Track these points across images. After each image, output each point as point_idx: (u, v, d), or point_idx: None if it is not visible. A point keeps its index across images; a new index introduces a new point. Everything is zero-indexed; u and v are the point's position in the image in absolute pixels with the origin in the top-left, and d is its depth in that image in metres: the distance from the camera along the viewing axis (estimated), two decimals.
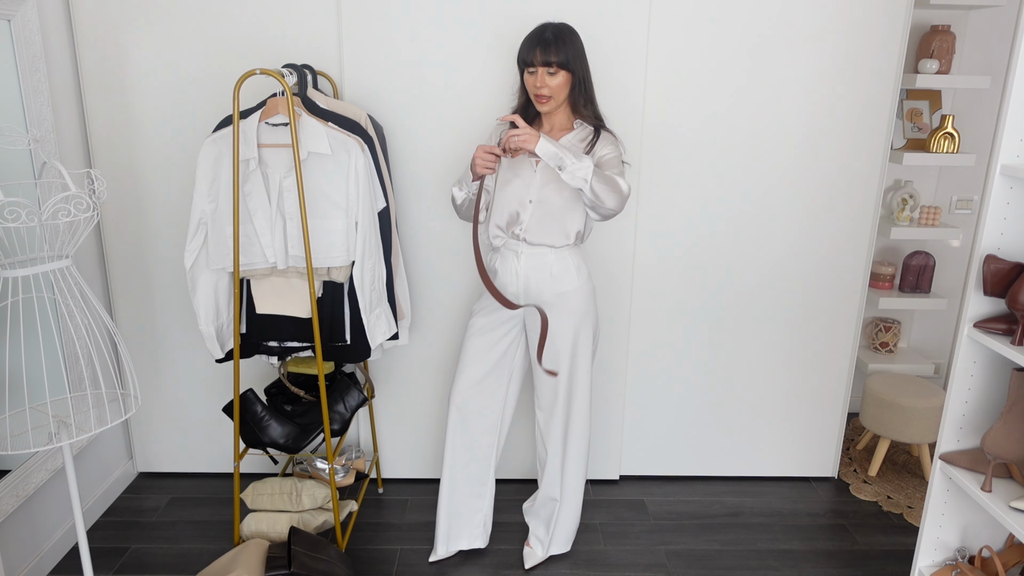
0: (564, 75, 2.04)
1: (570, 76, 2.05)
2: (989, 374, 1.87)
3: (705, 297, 2.76)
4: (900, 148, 3.05)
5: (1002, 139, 1.70)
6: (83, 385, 2.25)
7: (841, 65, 2.54)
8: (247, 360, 2.73)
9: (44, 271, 1.69)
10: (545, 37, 2.02)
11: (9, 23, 2.14)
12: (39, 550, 2.33)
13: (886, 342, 3.30)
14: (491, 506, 2.44)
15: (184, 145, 2.56)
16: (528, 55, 2.03)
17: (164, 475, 2.93)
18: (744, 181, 2.65)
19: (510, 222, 2.15)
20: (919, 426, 2.87)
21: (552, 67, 2.02)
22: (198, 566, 2.40)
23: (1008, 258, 1.77)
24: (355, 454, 2.72)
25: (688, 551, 2.53)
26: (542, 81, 2.03)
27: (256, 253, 2.18)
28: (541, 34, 2.03)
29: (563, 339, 2.22)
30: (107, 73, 2.50)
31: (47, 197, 1.84)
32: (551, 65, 2.01)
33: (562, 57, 2.01)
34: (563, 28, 2.06)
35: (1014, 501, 1.74)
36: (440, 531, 2.41)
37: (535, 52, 2.02)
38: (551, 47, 2.01)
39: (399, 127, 2.54)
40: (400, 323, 2.47)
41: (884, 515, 2.76)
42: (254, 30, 2.46)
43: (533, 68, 2.03)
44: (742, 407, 2.89)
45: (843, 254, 2.74)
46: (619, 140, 2.17)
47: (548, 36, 2.02)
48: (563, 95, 2.08)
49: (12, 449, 1.71)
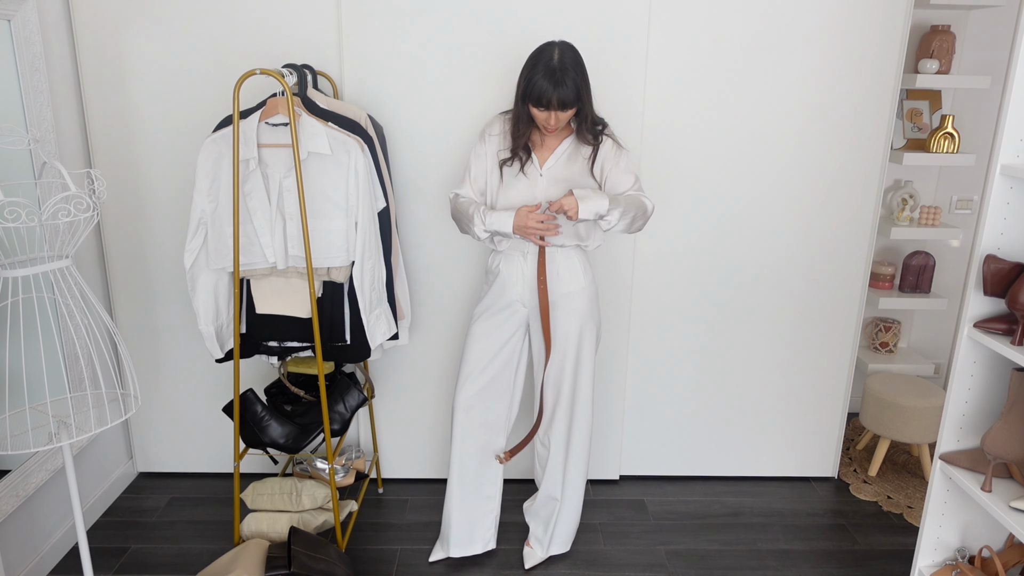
0: (574, 109, 2.02)
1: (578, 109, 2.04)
2: (989, 374, 1.87)
3: (705, 297, 2.76)
4: (900, 148, 3.05)
5: (1002, 139, 1.70)
6: (83, 385, 2.25)
7: (841, 65, 2.54)
8: (247, 360, 2.73)
9: (44, 271, 1.69)
10: (558, 78, 1.94)
11: (9, 23, 2.14)
12: (39, 550, 2.33)
13: (886, 342, 3.30)
14: (499, 508, 2.43)
15: (184, 145, 2.56)
16: (542, 97, 1.96)
17: (164, 475, 2.93)
18: (744, 181, 2.64)
19: None
20: (919, 426, 2.87)
21: (565, 108, 1.99)
22: (198, 566, 2.40)
23: (1008, 258, 1.77)
24: (355, 454, 2.72)
25: (688, 551, 2.53)
26: (555, 119, 2.01)
27: (256, 253, 2.18)
28: (553, 74, 1.94)
29: (567, 339, 2.22)
30: (107, 73, 2.50)
31: (47, 197, 1.84)
32: (565, 107, 1.99)
33: (574, 96, 1.97)
34: (570, 62, 1.97)
35: (1014, 501, 1.74)
36: (459, 536, 2.39)
37: (551, 97, 1.95)
38: (565, 88, 1.95)
39: (399, 127, 2.54)
40: (400, 323, 2.47)
41: (884, 515, 2.76)
42: (254, 30, 2.46)
43: (546, 110, 1.99)
44: (742, 407, 2.89)
45: (843, 254, 2.74)
46: (617, 141, 2.16)
47: (560, 76, 1.94)
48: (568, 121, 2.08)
49: (12, 449, 1.71)
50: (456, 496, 2.36)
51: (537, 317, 2.23)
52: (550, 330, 2.19)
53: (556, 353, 2.24)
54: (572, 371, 2.25)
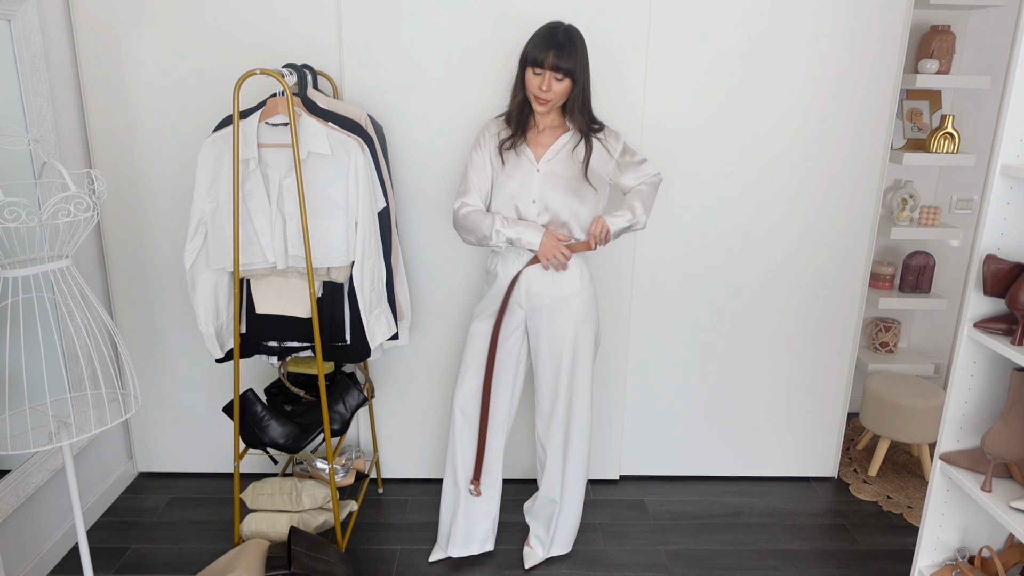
0: (568, 82, 2.03)
1: (572, 84, 2.05)
2: (989, 374, 1.87)
3: (705, 297, 2.76)
4: (900, 148, 3.05)
5: (1002, 139, 1.70)
6: (83, 385, 2.25)
7: (841, 65, 2.54)
8: (247, 360, 2.73)
9: (44, 271, 1.69)
10: (559, 40, 1.99)
11: (9, 23, 2.14)
12: (39, 550, 2.33)
13: (886, 342, 3.30)
14: (498, 508, 2.43)
15: (184, 145, 2.56)
16: (539, 55, 2.00)
17: (164, 475, 2.93)
18: (744, 181, 2.64)
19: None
20: (919, 426, 2.87)
21: (560, 72, 2.00)
22: (198, 566, 2.40)
23: (1008, 258, 1.77)
24: (355, 454, 2.72)
25: (688, 551, 2.53)
26: (548, 84, 2.01)
27: (256, 253, 2.18)
28: (554, 36, 1.99)
29: (563, 343, 2.21)
30: (107, 73, 2.50)
31: (47, 197, 1.84)
32: (560, 71, 2.00)
33: (571, 64, 1.99)
34: (575, 34, 2.03)
35: (1014, 501, 1.74)
36: (456, 536, 2.39)
37: (548, 54, 1.98)
38: (564, 52, 1.98)
39: (399, 127, 2.54)
40: (400, 323, 2.46)
41: (884, 515, 2.76)
42: (254, 30, 2.46)
43: (541, 69, 2.01)
44: (742, 407, 2.89)
45: (843, 254, 2.74)
46: (615, 135, 2.20)
47: (562, 39, 1.99)
48: (562, 100, 2.08)
49: (12, 449, 1.71)
50: (451, 496, 2.36)
51: (535, 319, 2.23)
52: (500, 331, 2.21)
53: (551, 357, 2.24)
54: (568, 375, 2.24)
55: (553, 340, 2.22)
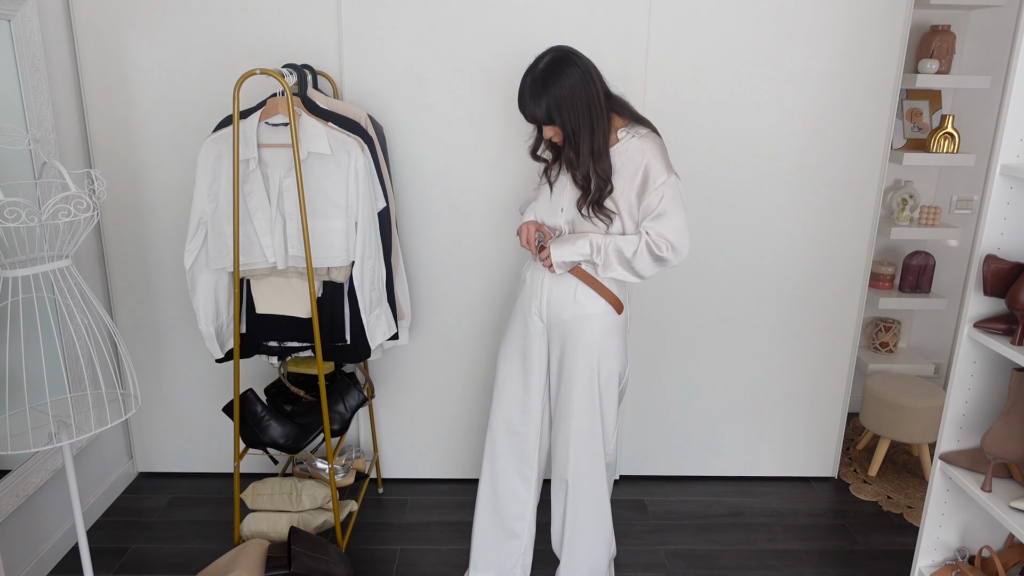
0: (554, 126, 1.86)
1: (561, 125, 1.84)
2: (989, 374, 1.87)
3: (705, 296, 2.76)
4: (900, 148, 3.05)
5: (1002, 139, 1.70)
6: (83, 385, 2.24)
7: (841, 65, 2.54)
8: (247, 360, 2.72)
9: (44, 271, 1.70)
10: (522, 93, 1.84)
11: (9, 23, 2.14)
12: (39, 550, 2.33)
13: (886, 342, 3.30)
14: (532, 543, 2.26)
15: (184, 145, 2.56)
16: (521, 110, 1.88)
17: (164, 475, 2.93)
18: (744, 181, 2.64)
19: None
20: (919, 426, 2.87)
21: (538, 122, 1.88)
22: (198, 566, 2.40)
23: (1008, 258, 1.77)
24: (355, 454, 2.72)
25: (688, 551, 2.53)
26: (544, 133, 1.91)
27: (256, 253, 2.18)
28: (521, 88, 1.85)
29: (580, 375, 1.99)
30: (107, 73, 2.50)
31: (47, 197, 1.84)
32: (536, 121, 1.88)
33: (539, 113, 1.83)
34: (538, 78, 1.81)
35: (1014, 501, 1.74)
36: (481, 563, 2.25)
37: (523, 111, 1.87)
38: (528, 105, 1.84)
39: (399, 127, 2.54)
40: (400, 323, 2.47)
41: (884, 515, 2.76)
42: (254, 30, 2.46)
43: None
44: (742, 407, 2.89)
45: (843, 254, 2.74)
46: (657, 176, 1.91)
47: (525, 92, 1.84)
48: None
49: (12, 449, 1.71)
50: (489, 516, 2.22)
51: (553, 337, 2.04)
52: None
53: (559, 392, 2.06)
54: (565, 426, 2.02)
55: (562, 369, 2.02)
